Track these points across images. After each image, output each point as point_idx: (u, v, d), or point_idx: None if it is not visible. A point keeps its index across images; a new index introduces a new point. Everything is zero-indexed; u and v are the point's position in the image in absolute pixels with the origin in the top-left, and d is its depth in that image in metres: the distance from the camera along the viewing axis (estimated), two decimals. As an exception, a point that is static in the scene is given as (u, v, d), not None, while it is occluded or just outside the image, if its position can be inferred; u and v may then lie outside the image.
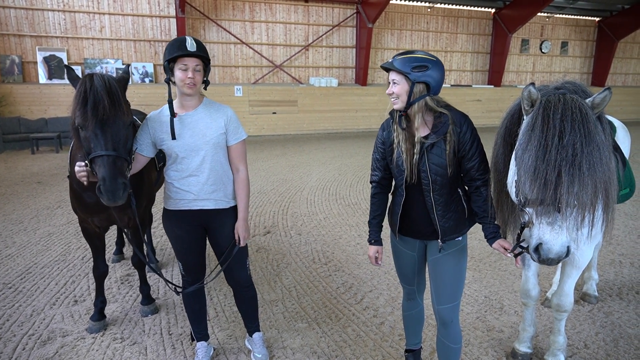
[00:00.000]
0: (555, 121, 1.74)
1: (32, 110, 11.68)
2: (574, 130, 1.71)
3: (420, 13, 15.79)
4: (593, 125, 1.74)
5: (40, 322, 3.33)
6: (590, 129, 1.72)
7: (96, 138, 2.33)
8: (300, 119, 14.39)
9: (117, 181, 2.30)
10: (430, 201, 2.18)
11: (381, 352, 2.97)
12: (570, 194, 1.70)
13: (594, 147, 1.71)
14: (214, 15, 13.36)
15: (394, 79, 2.15)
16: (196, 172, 2.49)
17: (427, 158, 2.13)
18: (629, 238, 5.13)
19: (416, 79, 2.06)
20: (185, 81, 2.36)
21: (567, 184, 1.70)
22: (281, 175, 8.52)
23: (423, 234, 2.29)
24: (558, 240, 1.75)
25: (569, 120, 1.73)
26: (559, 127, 1.73)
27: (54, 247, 4.80)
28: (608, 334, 3.18)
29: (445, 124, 2.11)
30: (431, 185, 2.16)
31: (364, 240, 5.04)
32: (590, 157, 1.70)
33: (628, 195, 2.90)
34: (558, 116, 1.74)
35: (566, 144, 1.70)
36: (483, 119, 14.82)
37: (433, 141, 2.11)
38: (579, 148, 1.70)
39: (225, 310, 3.53)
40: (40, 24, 11.83)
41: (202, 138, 2.47)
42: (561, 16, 17.64)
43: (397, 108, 2.18)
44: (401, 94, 2.12)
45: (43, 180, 7.94)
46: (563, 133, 1.72)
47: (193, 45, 2.34)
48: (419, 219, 2.27)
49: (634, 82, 19.99)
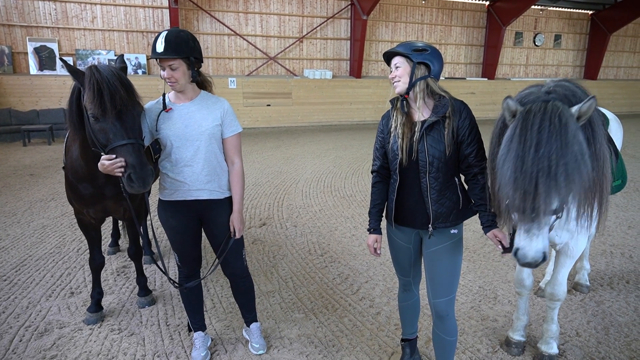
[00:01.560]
0: (533, 132, 1.77)
1: (23, 102, 11.55)
2: (549, 141, 1.74)
3: (414, 5, 15.75)
4: (572, 135, 1.76)
5: (37, 314, 3.33)
6: (568, 139, 1.74)
7: (117, 128, 2.32)
8: (295, 111, 14.35)
9: (147, 167, 2.33)
10: (426, 184, 2.21)
11: (377, 342, 3.01)
12: (547, 204, 1.76)
13: (571, 158, 1.74)
14: (207, 7, 13.24)
15: (396, 63, 2.22)
16: (190, 162, 2.50)
17: (426, 139, 2.17)
18: (619, 229, 5.21)
19: (417, 59, 2.15)
20: (166, 81, 2.42)
21: (544, 195, 1.74)
22: (276, 167, 8.52)
23: (417, 222, 2.30)
24: (533, 246, 1.84)
25: (546, 130, 1.76)
26: (535, 139, 1.76)
27: (48, 240, 4.78)
28: (599, 322, 3.24)
29: (445, 106, 2.16)
30: (427, 166, 2.18)
31: (359, 231, 5.08)
32: (566, 168, 1.73)
33: (620, 186, 2.95)
34: (536, 127, 1.78)
35: (542, 155, 1.74)
36: (477, 111, 14.60)
37: (433, 120, 2.15)
38: (554, 159, 1.73)
39: (223, 301, 3.55)
40: (30, 14, 11.66)
41: (198, 128, 2.48)
42: (554, 9, 17.68)
43: (399, 91, 2.23)
44: (403, 76, 2.19)
45: (36, 173, 7.87)
46: (539, 144, 1.75)
47: (161, 45, 2.33)
48: (412, 205, 2.29)
49: (626, 75, 20.14)
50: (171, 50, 2.35)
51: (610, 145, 2.59)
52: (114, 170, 2.32)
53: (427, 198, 2.22)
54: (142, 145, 2.40)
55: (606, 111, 3.22)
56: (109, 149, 2.33)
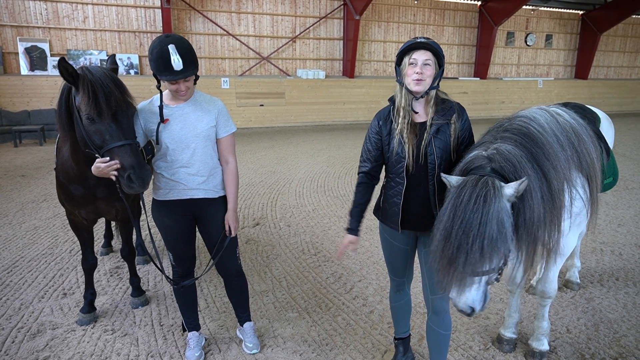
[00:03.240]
0: (461, 208, 1.87)
1: (14, 102, 11.44)
2: (472, 217, 1.84)
3: (407, 5, 15.81)
4: (494, 213, 1.84)
5: (29, 315, 3.31)
6: (489, 217, 1.83)
7: (113, 129, 2.32)
8: (288, 111, 14.35)
9: (146, 167, 2.34)
10: (433, 187, 2.19)
11: (371, 340, 3.03)
12: (464, 272, 1.87)
13: (487, 235, 1.82)
14: (200, 6, 13.20)
15: (427, 60, 2.10)
16: (187, 164, 2.50)
17: (434, 142, 2.17)
18: (609, 227, 5.27)
19: (442, 65, 2.16)
20: (179, 92, 2.39)
21: (462, 265, 1.86)
22: (269, 167, 8.52)
23: (421, 225, 2.27)
24: (461, 300, 1.96)
25: (471, 206, 1.85)
26: (461, 215, 1.86)
27: (40, 241, 4.75)
28: (589, 319, 3.29)
29: (452, 109, 2.18)
30: (436, 169, 2.17)
31: (352, 231, 5.09)
32: (482, 244, 1.82)
33: (612, 184, 3.00)
34: (464, 203, 1.87)
35: (465, 229, 1.85)
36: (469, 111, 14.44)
37: (440, 124, 2.16)
38: (472, 235, 1.83)
39: (216, 301, 3.55)
40: (21, 14, 11.56)
41: (193, 131, 2.48)
42: (546, 9, 17.82)
43: (419, 90, 2.13)
44: (430, 76, 2.14)
45: (27, 174, 7.81)
46: (463, 220, 1.85)
47: (179, 62, 2.24)
48: (416, 210, 2.26)
49: (616, 74, 20.34)
50: (193, 66, 2.32)
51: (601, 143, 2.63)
52: (109, 172, 2.31)
53: (435, 201, 2.21)
54: (138, 146, 2.41)
55: (598, 110, 3.26)
56: (104, 150, 2.33)
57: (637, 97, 20.15)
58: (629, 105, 19.93)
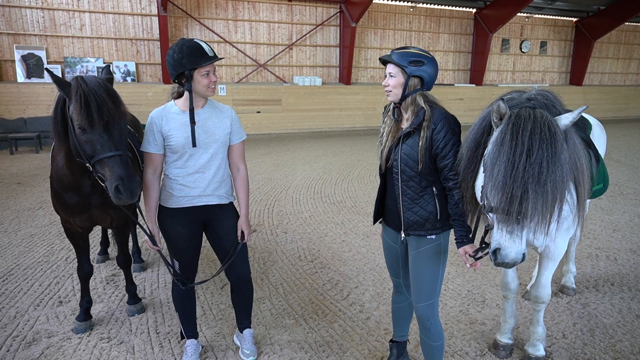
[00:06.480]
0: (524, 138, 1.81)
1: (10, 110, 11.43)
2: (541, 148, 1.79)
3: (403, 12, 15.92)
4: (560, 144, 1.82)
5: (25, 323, 3.30)
6: (557, 147, 1.80)
7: (104, 139, 2.34)
8: (285, 118, 14.38)
9: (135, 179, 2.36)
10: (398, 191, 2.29)
11: (367, 346, 3.03)
12: (534, 209, 1.80)
13: (559, 166, 1.80)
14: (196, 14, 13.26)
15: (391, 72, 2.21)
16: (203, 169, 2.54)
17: (401, 147, 2.23)
18: (604, 232, 5.30)
19: (412, 72, 2.15)
20: (209, 85, 2.46)
21: (533, 201, 1.79)
22: (266, 174, 8.53)
23: (395, 225, 2.40)
24: (514, 247, 1.85)
25: (537, 138, 1.80)
26: (527, 145, 1.80)
27: (36, 249, 4.74)
28: (585, 324, 3.30)
29: (418, 117, 2.18)
30: (400, 174, 2.25)
31: (349, 237, 5.10)
32: (554, 176, 1.79)
33: (602, 190, 3.02)
34: (527, 133, 1.81)
35: (533, 161, 1.78)
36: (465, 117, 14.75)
37: (407, 131, 2.20)
38: (545, 166, 1.78)
39: (213, 308, 3.55)
40: (17, 22, 11.58)
41: (212, 136, 2.54)
42: (540, 16, 17.99)
43: (391, 100, 2.27)
44: (396, 87, 2.20)
45: (23, 181, 7.79)
46: (531, 150, 1.79)
47: (210, 49, 2.43)
48: (391, 208, 2.40)
49: (610, 81, 20.51)
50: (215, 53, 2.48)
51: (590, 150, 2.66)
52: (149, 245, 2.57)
53: (400, 205, 2.29)
54: (129, 157, 2.42)
55: (589, 117, 3.29)
56: (95, 161, 2.35)
57: (631, 103, 20.31)
58: (623, 111, 20.08)
